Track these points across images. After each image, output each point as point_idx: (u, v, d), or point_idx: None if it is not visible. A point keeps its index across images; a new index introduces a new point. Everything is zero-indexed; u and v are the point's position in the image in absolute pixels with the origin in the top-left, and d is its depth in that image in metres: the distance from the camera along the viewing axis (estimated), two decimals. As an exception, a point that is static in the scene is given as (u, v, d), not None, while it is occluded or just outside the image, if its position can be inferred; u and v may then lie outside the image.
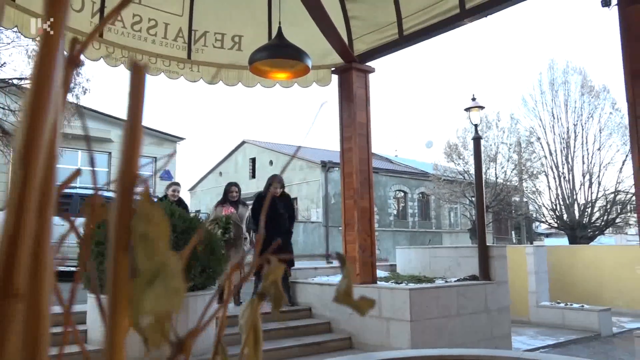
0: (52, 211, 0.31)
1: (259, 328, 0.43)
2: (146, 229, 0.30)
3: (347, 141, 6.65)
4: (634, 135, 4.23)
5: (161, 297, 0.28)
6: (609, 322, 8.16)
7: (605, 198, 23.55)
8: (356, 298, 0.39)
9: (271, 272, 0.39)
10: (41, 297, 0.30)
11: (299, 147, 10.66)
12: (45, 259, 0.30)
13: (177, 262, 0.30)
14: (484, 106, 7.28)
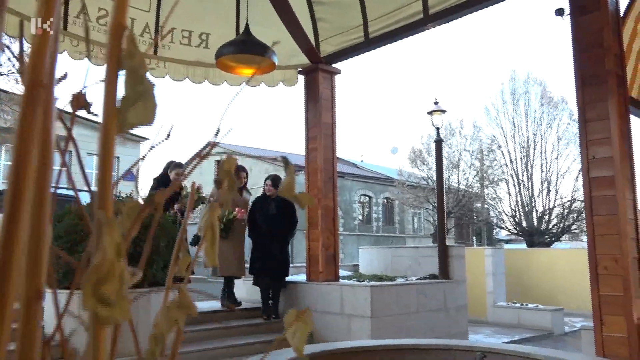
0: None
1: (216, 228, 0.50)
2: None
3: (312, 141, 6.74)
4: (583, 138, 4.46)
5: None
6: (561, 322, 8.48)
7: (562, 206, 24.34)
8: (298, 192, 0.47)
9: (226, 162, 0.45)
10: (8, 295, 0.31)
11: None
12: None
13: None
14: (445, 110, 7.50)
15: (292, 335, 0.46)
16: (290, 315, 0.47)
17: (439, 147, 7.13)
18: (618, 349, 3.95)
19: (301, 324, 0.46)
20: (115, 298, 0.29)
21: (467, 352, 3.28)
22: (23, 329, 0.30)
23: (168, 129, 0.47)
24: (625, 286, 4.08)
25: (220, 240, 4.51)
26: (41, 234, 0.30)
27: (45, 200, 0.31)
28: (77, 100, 0.40)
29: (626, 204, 4.22)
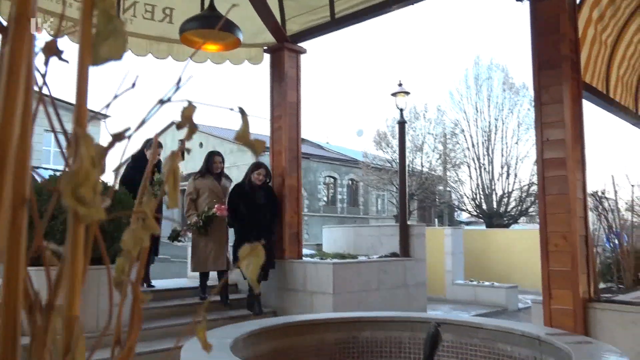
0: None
1: (178, 172, 0.54)
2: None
3: (277, 120, 6.75)
4: (538, 121, 4.63)
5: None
6: (515, 299, 8.85)
7: (520, 189, 25.06)
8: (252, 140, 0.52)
9: (186, 109, 0.49)
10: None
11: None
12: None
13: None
14: (409, 92, 7.63)
15: (246, 267, 0.51)
16: (243, 250, 0.52)
17: (401, 129, 7.26)
18: (564, 321, 4.18)
19: (254, 258, 0.51)
20: (91, 199, 0.34)
21: (423, 324, 3.41)
22: (9, 234, 0.35)
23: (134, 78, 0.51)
24: (573, 262, 4.30)
25: (200, 237, 4.24)
26: (26, 141, 0.35)
27: (29, 109, 0.35)
28: (49, 48, 0.44)
29: (576, 184, 4.42)
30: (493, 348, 3.15)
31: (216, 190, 6.04)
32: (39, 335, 0.36)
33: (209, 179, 6.10)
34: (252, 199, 5.94)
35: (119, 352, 0.41)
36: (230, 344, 2.57)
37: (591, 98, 5.51)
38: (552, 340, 2.71)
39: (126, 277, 0.42)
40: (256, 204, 5.93)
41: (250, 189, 6.03)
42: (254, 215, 5.90)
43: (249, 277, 0.51)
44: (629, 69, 6.43)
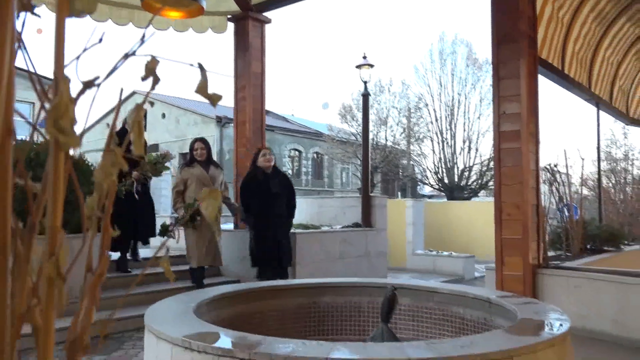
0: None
1: (142, 123, 0.59)
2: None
3: (241, 90, 6.71)
4: (495, 94, 4.78)
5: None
6: (472, 268, 9.19)
7: (481, 163, 25.66)
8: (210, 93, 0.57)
9: (150, 62, 0.54)
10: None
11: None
12: None
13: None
14: (373, 64, 7.68)
15: (205, 207, 0.57)
16: (203, 192, 0.58)
17: (365, 101, 7.33)
18: (515, 286, 4.41)
19: (212, 200, 0.57)
20: (69, 129, 0.39)
21: (382, 289, 3.54)
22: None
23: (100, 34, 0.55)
24: (524, 230, 4.52)
25: (190, 232, 4.08)
26: (9, 73, 0.39)
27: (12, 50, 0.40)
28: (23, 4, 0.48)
29: (529, 156, 4.62)
30: (447, 311, 3.31)
31: (204, 179, 5.59)
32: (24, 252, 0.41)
33: (195, 167, 5.68)
34: (265, 189, 5.36)
35: (90, 277, 0.47)
36: (193, 308, 2.63)
37: (547, 74, 5.70)
38: (500, 301, 2.87)
39: (97, 212, 0.47)
40: (271, 194, 5.36)
41: (262, 179, 5.44)
42: (270, 208, 5.33)
43: (207, 216, 0.57)
44: (583, 46, 6.65)
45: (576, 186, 7.17)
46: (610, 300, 4.20)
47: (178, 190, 5.68)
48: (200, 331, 2.19)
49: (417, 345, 2.22)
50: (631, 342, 4.02)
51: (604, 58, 7.35)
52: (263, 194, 5.34)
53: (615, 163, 21.85)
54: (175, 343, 2.07)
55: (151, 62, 0.53)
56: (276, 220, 5.41)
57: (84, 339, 0.44)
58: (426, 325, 3.30)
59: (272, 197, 5.37)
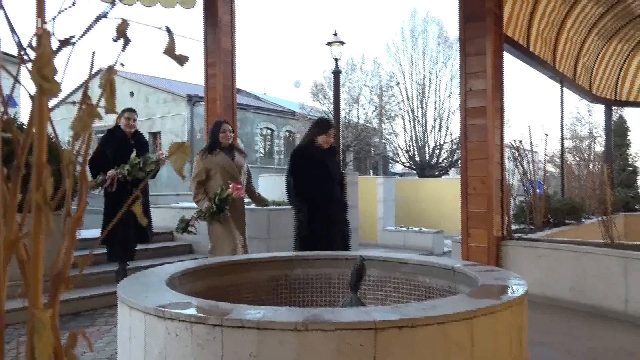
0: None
1: (114, 83, 0.64)
2: None
3: (211, 67, 6.66)
4: (462, 71, 4.88)
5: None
6: (441, 243, 9.43)
7: (451, 141, 26.04)
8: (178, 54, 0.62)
9: (120, 24, 0.58)
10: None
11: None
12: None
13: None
14: (344, 42, 7.70)
15: (174, 160, 0.62)
16: (172, 146, 0.63)
17: (336, 79, 7.36)
18: (479, 257, 4.58)
19: (181, 154, 0.62)
20: (52, 77, 0.44)
21: (351, 261, 3.64)
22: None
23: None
24: (488, 204, 4.68)
25: (217, 226, 4.52)
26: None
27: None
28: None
29: (494, 132, 4.75)
30: (414, 280, 3.43)
31: (230, 168, 4.93)
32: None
33: (219, 155, 4.93)
34: (324, 171, 4.37)
35: (70, 220, 0.52)
36: (166, 280, 2.67)
37: (512, 51, 5.83)
38: (464, 270, 3.00)
39: (75, 159, 0.52)
40: (330, 177, 4.42)
41: (321, 156, 4.41)
42: (329, 193, 4.39)
43: (176, 168, 0.62)
44: (548, 24, 6.80)
45: (542, 162, 7.40)
46: (568, 268, 4.40)
47: (200, 181, 4.91)
48: (173, 301, 2.24)
49: (383, 309, 2.32)
50: (586, 307, 4.24)
51: (568, 37, 7.53)
52: (321, 178, 4.34)
53: (580, 140, 22.49)
54: (148, 312, 2.12)
55: (122, 25, 0.57)
56: (335, 210, 4.46)
57: (66, 274, 0.50)
58: (394, 295, 3.42)
59: (330, 182, 4.42)
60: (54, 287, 0.47)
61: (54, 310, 0.47)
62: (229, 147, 5.02)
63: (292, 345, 1.85)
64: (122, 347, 2.36)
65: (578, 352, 3.28)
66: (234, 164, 4.97)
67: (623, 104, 10.52)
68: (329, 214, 4.40)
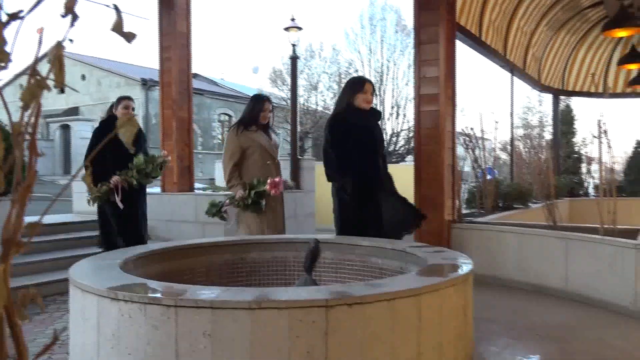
0: None
1: (62, 59, 0.66)
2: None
3: (166, 50, 6.55)
4: (416, 59, 4.98)
5: None
6: (396, 227, 9.62)
7: (408, 129, 26.43)
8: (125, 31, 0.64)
9: (68, 2, 0.60)
10: None
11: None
12: None
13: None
14: (302, 27, 7.71)
15: (123, 133, 0.65)
16: (121, 119, 0.66)
17: (294, 64, 7.38)
18: (431, 240, 4.72)
19: (130, 126, 0.65)
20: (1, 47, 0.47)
21: (306, 244, 3.71)
22: None
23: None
24: (440, 189, 4.83)
25: (250, 218, 3.99)
26: None
27: None
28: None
29: (447, 118, 4.89)
30: (367, 262, 3.53)
31: (270, 149, 4.35)
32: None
33: (257, 132, 4.30)
34: (369, 139, 3.79)
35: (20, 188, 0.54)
36: (119, 264, 2.66)
37: (465, 40, 5.98)
38: (414, 251, 3.11)
39: (24, 129, 0.54)
40: (375, 144, 3.84)
41: (365, 120, 3.82)
42: (375, 164, 3.83)
43: (124, 140, 0.65)
44: (500, 14, 6.99)
45: (494, 149, 7.66)
46: (515, 249, 4.62)
47: (235, 162, 4.27)
48: (126, 283, 2.24)
49: (334, 287, 2.40)
50: (530, 285, 4.47)
51: (519, 27, 7.77)
52: (366, 145, 3.76)
53: (531, 129, 23.27)
54: (101, 295, 2.12)
55: (69, 1, 0.59)
56: (382, 183, 3.89)
57: (16, 238, 0.52)
58: (348, 276, 3.51)
59: (375, 151, 3.83)
60: (5, 249, 0.50)
61: (5, 267, 0.50)
62: (265, 126, 4.40)
63: (246, 324, 1.89)
64: (74, 331, 2.35)
65: (521, 327, 3.47)
66: (272, 143, 4.39)
67: (570, 93, 10.96)
68: (378, 190, 3.81)
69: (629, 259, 3.71)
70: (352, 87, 3.88)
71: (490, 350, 3.03)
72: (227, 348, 1.89)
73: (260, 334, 1.89)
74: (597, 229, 4.22)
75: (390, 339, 2.04)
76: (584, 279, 4.09)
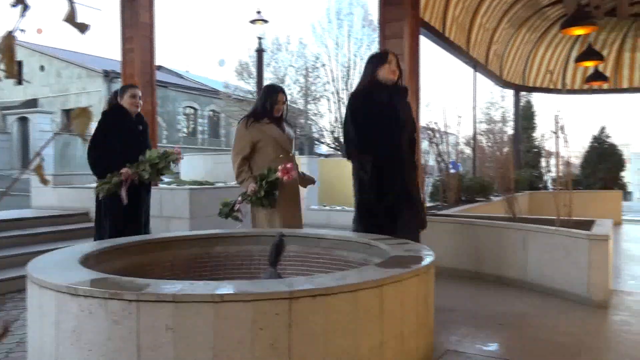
0: None
1: (13, 49, 0.65)
2: None
3: (128, 41, 6.41)
4: (381, 53, 5.02)
5: None
6: (362, 220, 9.72)
7: (343, 125, 26.55)
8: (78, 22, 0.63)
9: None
10: None
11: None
12: None
13: None
14: (268, 20, 7.66)
15: (76, 125, 0.64)
16: (75, 111, 0.65)
17: (260, 57, 7.34)
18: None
19: (84, 118, 0.64)
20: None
21: (272, 238, 3.71)
22: None
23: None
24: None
25: (261, 212, 3.81)
26: None
27: None
28: None
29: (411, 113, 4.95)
30: (333, 255, 3.56)
31: (283, 142, 4.05)
32: None
33: (270, 125, 4.01)
34: (393, 116, 3.49)
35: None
36: (79, 259, 2.61)
37: (429, 36, 6.07)
38: (378, 244, 3.16)
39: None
40: (400, 124, 3.53)
41: (388, 95, 3.52)
42: (398, 144, 3.53)
43: (78, 131, 0.64)
44: (463, 10, 7.12)
45: (458, 144, 7.80)
46: (477, 241, 4.73)
47: (245, 156, 4.01)
48: (86, 278, 2.20)
49: (298, 279, 2.42)
50: (492, 276, 4.59)
51: (481, 23, 7.92)
52: (389, 124, 3.48)
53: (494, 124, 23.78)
54: (60, 290, 2.08)
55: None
56: (403, 170, 3.58)
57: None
58: (314, 269, 3.53)
59: (399, 130, 3.52)
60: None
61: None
62: (278, 118, 4.09)
63: (209, 317, 1.89)
64: (32, 328, 2.30)
65: (482, 316, 3.57)
66: (285, 136, 4.08)
67: (530, 89, 11.25)
68: (398, 173, 3.53)
69: (582, 249, 3.85)
70: (374, 60, 3.64)
71: (451, 339, 3.11)
72: (190, 341, 1.89)
73: (224, 327, 1.89)
74: (554, 220, 4.37)
75: (353, 330, 2.08)
76: (541, 269, 4.23)
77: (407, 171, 3.56)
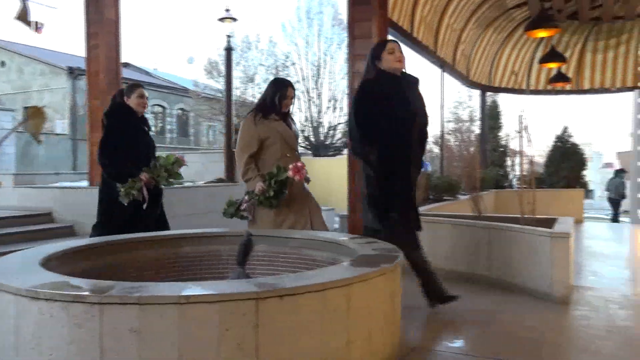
0: None
1: None
2: None
3: (93, 38, 6.27)
4: (350, 53, 5.05)
5: None
6: (332, 219, 9.73)
7: (345, 122, 26.70)
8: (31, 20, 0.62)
9: None
10: None
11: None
12: None
13: None
14: (237, 18, 7.61)
15: (29, 125, 0.63)
16: (29, 110, 0.63)
17: (229, 55, 7.28)
18: (363, 231, 4.84)
19: (39, 119, 0.63)
20: None
21: (240, 237, 3.69)
22: None
23: None
24: (373, 181, 4.92)
25: (265, 212, 3.63)
26: None
27: None
28: None
29: (379, 112, 4.99)
30: (301, 254, 3.56)
31: (290, 139, 3.89)
32: None
33: (276, 121, 3.85)
34: (402, 106, 3.30)
35: None
36: (40, 261, 2.54)
37: (397, 35, 6.12)
38: (346, 242, 3.17)
39: None
40: (409, 116, 3.33)
41: (398, 85, 3.34)
42: (407, 138, 3.35)
43: (31, 131, 0.62)
44: (431, 10, 7.21)
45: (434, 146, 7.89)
46: (444, 239, 4.80)
47: (251, 153, 3.82)
48: (47, 281, 2.14)
49: (265, 280, 2.41)
50: (458, 274, 4.67)
51: (449, 24, 8.04)
52: (398, 115, 3.28)
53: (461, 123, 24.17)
54: (19, 294, 2.02)
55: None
56: (412, 164, 3.43)
57: None
58: (282, 268, 3.52)
59: (409, 123, 3.34)
60: None
61: None
62: (284, 114, 3.91)
63: (174, 319, 1.87)
64: (-10, 333, 2.23)
65: (448, 313, 3.62)
66: (292, 133, 3.92)
67: (496, 89, 11.48)
68: (406, 168, 3.38)
69: (545, 247, 3.95)
70: (377, 49, 3.42)
71: (418, 336, 3.15)
72: (154, 344, 1.86)
73: (189, 328, 1.87)
74: (518, 218, 4.47)
75: (321, 329, 2.08)
76: (506, 266, 4.32)
77: (412, 170, 3.45)
